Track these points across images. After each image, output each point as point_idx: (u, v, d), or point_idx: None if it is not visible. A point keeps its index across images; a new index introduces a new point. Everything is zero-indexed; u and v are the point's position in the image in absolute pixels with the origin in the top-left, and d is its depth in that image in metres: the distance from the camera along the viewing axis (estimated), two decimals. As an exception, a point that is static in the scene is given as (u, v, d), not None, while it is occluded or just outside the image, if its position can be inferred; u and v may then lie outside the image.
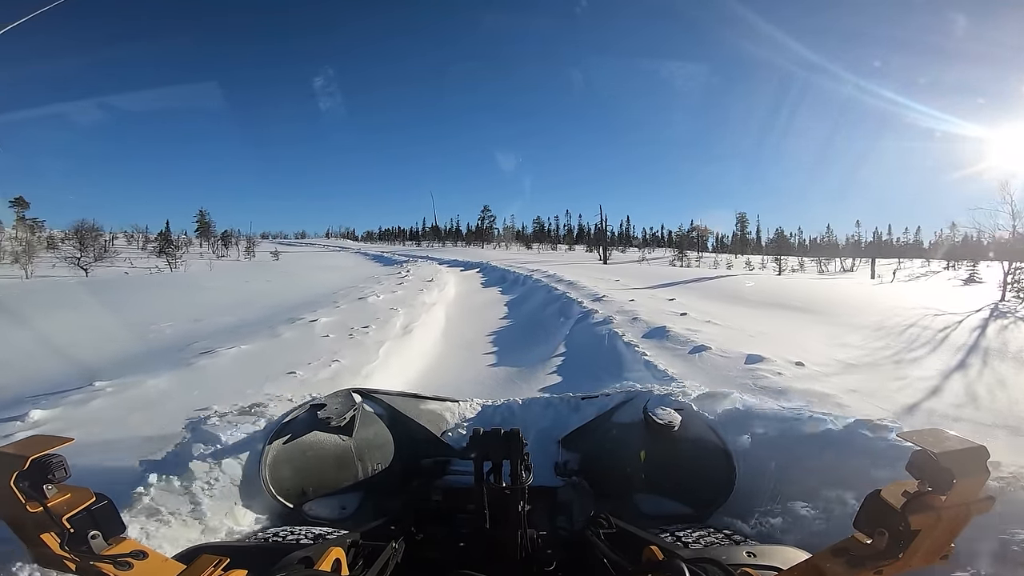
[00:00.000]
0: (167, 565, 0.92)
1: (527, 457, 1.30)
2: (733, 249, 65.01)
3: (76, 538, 0.86)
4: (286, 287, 14.60)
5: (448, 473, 2.04)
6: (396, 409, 2.23)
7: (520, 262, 29.82)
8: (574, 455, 2.16)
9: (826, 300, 11.89)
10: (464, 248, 58.11)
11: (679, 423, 1.93)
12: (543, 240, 71.42)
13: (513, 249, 61.99)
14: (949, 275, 30.53)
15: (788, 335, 6.99)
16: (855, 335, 7.34)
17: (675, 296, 11.12)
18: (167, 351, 5.77)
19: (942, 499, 0.82)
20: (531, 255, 47.21)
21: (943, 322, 8.88)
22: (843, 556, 0.87)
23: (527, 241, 70.22)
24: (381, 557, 1.19)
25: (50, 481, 0.86)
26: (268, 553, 1.11)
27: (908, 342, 7.10)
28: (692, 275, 21.02)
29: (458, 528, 1.41)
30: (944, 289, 19.27)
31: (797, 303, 10.94)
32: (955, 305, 11.29)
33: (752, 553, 1.14)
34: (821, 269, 35.99)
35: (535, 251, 57.98)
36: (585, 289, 11.50)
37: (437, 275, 16.07)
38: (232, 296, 12.13)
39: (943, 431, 0.87)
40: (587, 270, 20.87)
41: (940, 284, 23.77)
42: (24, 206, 43.89)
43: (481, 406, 2.56)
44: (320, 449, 1.90)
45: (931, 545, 0.82)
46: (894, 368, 5.57)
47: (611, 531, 1.30)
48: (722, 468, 1.78)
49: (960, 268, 31.30)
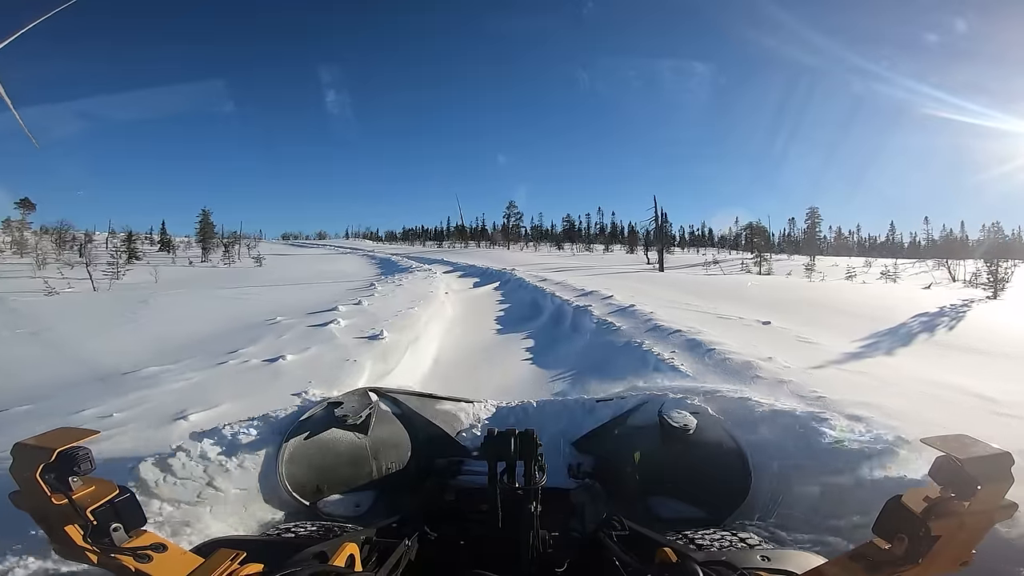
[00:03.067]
0: (185, 558, 0.93)
1: (541, 458, 1.29)
2: (788, 249, 57.00)
3: (99, 530, 0.87)
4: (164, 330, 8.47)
5: (462, 473, 1.99)
6: (411, 409, 2.28)
7: (554, 269, 23.19)
8: (588, 457, 2.17)
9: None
10: (488, 250, 51.76)
11: (695, 426, 1.90)
12: (574, 240, 64.42)
13: (542, 251, 55.31)
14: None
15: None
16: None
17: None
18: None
19: (965, 505, 0.80)
20: (564, 258, 40.31)
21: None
22: (860, 561, 0.86)
23: (558, 241, 63.28)
24: (394, 555, 1.19)
25: (75, 473, 0.87)
26: (283, 547, 1.14)
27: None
28: (879, 303, 10.78)
29: (471, 528, 1.39)
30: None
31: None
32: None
33: (766, 557, 1.12)
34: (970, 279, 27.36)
35: (568, 253, 51.00)
36: (759, 374, 4.25)
37: (426, 299, 9.73)
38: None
39: (967, 436, 0.84)
40: (659, 288, 14.04)
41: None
42: (30, 208, 41.33)
43: (496, 407, 2.63)
44: (336, 447, 1.92)
45: (952, 552, 0.80)
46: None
47: (624, 533, 1.27)
48: (737, 471, 1.78)
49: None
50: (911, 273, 29.45)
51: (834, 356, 5.33)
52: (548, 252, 51.87)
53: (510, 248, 57.27)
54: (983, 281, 16.54)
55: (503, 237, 62.01)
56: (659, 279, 19.40)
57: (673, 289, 13.88)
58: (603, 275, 20.49)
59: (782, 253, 54.96)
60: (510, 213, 62.66)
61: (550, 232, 67.27)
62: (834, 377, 4.38)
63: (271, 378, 4.23)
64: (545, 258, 38.64)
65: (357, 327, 6.59)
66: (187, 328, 7.43)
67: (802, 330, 6.88)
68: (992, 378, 4.53)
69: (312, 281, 17.77)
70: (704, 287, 15.42)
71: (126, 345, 6.44)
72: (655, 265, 33.89)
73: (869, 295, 14.21)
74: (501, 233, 63.31)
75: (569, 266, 27.29)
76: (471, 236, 66.88)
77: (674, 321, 6.89)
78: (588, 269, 25.19)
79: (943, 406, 3.61)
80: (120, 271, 22.17)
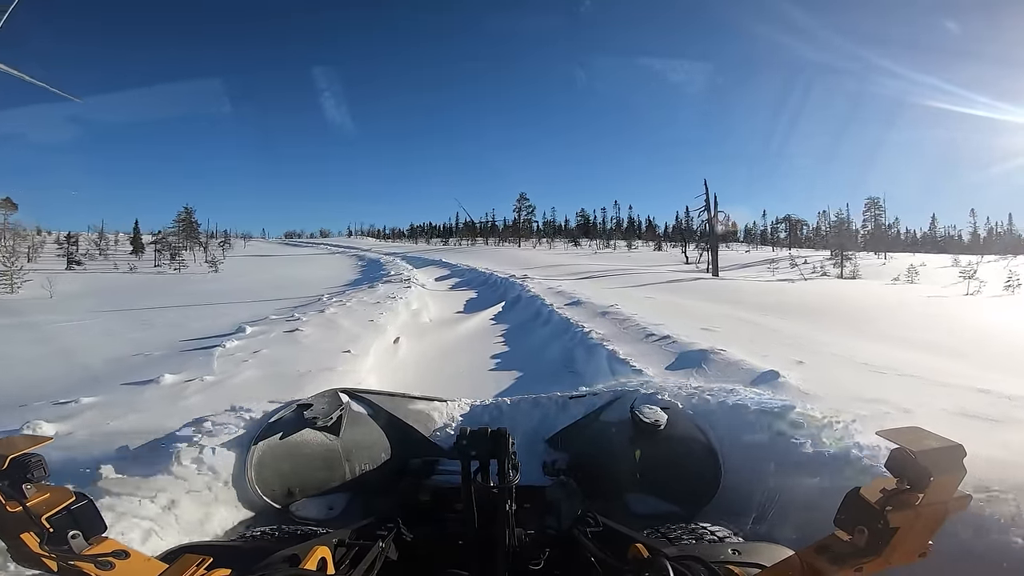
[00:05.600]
0: (149, 565, 0.92)
1: (514, 456, 1.25)
2: (830, 245, 51.47)
3: (56, 537, 0.85)
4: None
5: (436, 473, 1.99)
6: (384, 409, 2.22)
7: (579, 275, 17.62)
8: (562, 454, 2.15)
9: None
10: (496, 248, 46.14)
11: (665, 422, 1.91)
12: (591, 235, 58.56)
13: (557, 248, 49.55)
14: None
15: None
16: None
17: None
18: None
19: (920, 497, 0.81)
20: (584, 257, 34.48)
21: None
22: (825, 553, 0.87)
23: (573, 237, 57.41)
24: (368, 556, 1.17)
25: (29, 480, 0.85)
26: (252, 552, 1.10)
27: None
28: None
29: (446, 528, 1.42)
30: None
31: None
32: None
33: (737, 550, 1.14)
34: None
35: (587, 251, 45.13)
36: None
37: (350, 358, 4.47)
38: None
39: (921, 429, 0.86)
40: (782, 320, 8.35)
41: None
42: (11, 208, 37.63)
43: (470, 406, 2.54)
44: (307, 449, 1.88)
45: (910, 543, 0.82)
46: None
47: (598, 529, 1.28)
48: (708, 466, 1.80)
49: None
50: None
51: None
52: (564, 250, 46.09)
53: (521, 245, 51.62)
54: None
55: (513, 233, 56.15)
56: (739, 294, 13.62)
57: (803, 320, 8.15)
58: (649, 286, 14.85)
59: (824, 248, 49.21)
60: (521, 206, 56.55)
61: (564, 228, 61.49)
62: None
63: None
64: (562, 258, 32.89)
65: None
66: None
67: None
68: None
69: (246, 299, 12.51)
70: (858, 315, 9.67)
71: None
72: (696, 264, 27.95)
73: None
74: (511, 229, 57.40)
75: (596, 270, 21.59)
76: (479, 232, 61.14)
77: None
78: (622, 275, 19.50)
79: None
80: (16, 283, 17.36)
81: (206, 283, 19.10)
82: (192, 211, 40.31)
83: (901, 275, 21.85)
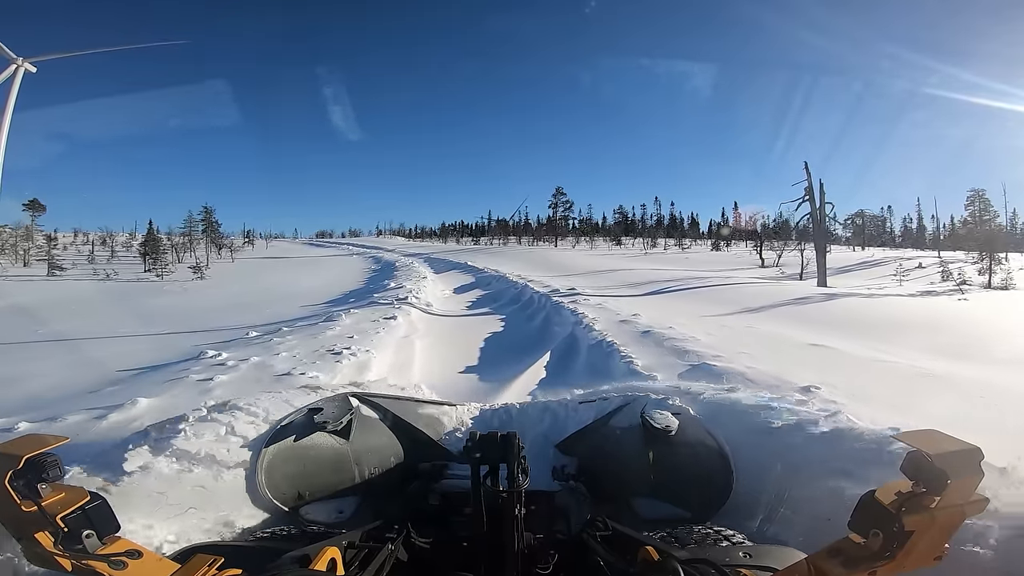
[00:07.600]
0: (162, 564, 0.92)
1: (524, 461, 1.26)
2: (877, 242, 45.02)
3: (70, 537, 0.85)
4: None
5: (446, 477, 2.00)
6: (394, 413, 2.21)
7: (641, 287, 13.20)
8: (571, 459, 2.14)
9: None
10: (530, 249, 41.83)
11: (676, 427, 1.88)
12: (632, 233, 53.20)
13: (599, 248, 44.67)
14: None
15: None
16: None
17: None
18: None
19: (936, 500, 0.80)
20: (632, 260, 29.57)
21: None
22: (838, 557, 0.86)
23: (615, 235, 52.22)
24: (377, 558, 1.17)
25: (44, 480, 0.85)
26: (263, 552, 1.10)
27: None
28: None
29: (455, 531, 1.41)
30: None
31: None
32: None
33: (748, 553, 1.13)
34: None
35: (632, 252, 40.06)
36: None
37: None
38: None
39: (937, 432, 0.84)
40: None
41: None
42: (40, 209, 37.09)
43: (479, 410, 2.57)
44: (317, 452, 1.88)
45: (925, 546, 0.80)
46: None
47: (607, 534, 1.28)
48: (719, 471, 1.77)
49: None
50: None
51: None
52: (607, 251, 41.19)
53: (557, 245, 47.05)
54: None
55: (548, 231, 51.52)
56: (935, 328, 8.67)
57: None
58: (762, 312, 10.17)
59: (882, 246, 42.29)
60: (557, 202, 51.84)
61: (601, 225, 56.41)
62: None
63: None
64: (607, 260, 28.18)
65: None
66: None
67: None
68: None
69: (218, 323, 9.08)
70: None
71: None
72: (783, 270, 22.55)
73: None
74: (546, 227, 52.78)
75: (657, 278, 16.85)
76: (512, 231, 56.92)
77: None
78: (697, 287, 14.73)
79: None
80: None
81: (168, 296, 15.97)
82: (212, 211, 38.30)
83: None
